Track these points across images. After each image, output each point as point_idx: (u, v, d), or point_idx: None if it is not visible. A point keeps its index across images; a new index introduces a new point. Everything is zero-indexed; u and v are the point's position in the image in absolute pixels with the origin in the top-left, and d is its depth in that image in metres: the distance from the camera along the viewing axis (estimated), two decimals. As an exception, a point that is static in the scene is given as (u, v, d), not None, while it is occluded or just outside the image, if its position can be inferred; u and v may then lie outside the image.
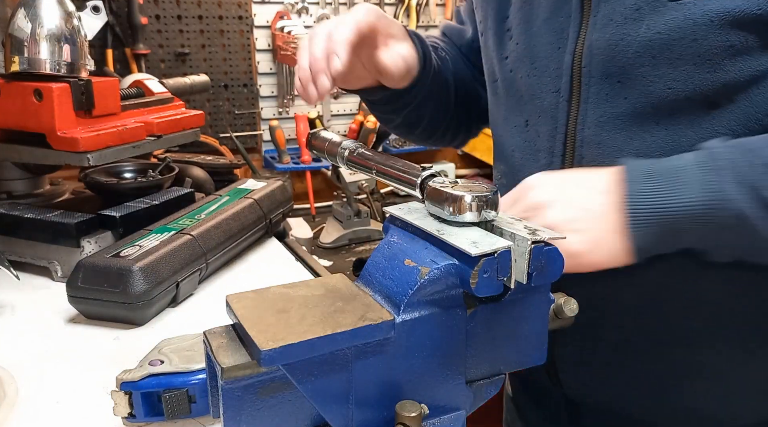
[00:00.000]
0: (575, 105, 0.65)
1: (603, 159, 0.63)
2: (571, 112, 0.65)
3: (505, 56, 0.73)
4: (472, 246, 0.44)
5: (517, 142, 0.72)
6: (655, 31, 0.58)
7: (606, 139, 0.63)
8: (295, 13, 2.19)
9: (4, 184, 1.11)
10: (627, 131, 0.62)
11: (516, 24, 0.71)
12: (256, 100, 2.19)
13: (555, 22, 0.66)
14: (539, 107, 0.69)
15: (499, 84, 0.75)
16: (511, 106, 0.73)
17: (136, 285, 0.79)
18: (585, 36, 0.63)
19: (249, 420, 0.43)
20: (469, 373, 0.49)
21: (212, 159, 1.45)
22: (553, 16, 0.66)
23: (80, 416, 0.64)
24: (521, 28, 0.70)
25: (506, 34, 0.73)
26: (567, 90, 0.65)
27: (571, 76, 0.65)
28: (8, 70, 1.00)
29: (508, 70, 0.73)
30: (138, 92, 1.22)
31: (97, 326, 0.81)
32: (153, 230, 0.93)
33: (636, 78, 0.60)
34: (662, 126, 0.60)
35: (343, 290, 0.47)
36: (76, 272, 0.81)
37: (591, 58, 0.63)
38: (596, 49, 0.62)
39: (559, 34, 0.66)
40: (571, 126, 0.66)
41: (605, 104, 0.63)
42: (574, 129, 0.65)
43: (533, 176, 0.60)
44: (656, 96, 0.60)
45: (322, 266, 1.06)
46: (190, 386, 0.60)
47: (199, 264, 0.91)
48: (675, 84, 0.59)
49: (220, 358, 0.42)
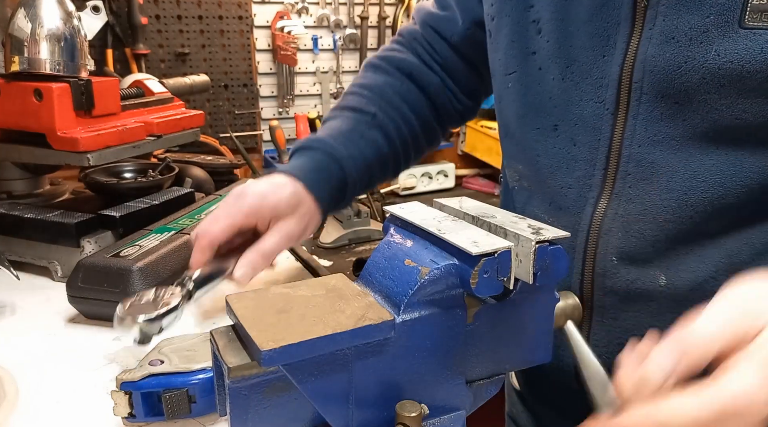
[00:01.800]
0: (621, 119, 0.60)
1: (654, 178, 0.59)
2: (617, 125, 0.61)
3: (531, 51, 0.67)
4: (473, 245, 0.44)
5: (544, 146, 0.67)
6: (725, 59, 0.54)
7: (659, 158, 0.59)
8: (295, 13, 2.19)
9: (4, 184, 1.11)
10: (684, 153, 0.57)
11: (547, 18, 0.65)
12: (256, 100, 2.20)
13: (598, 27, 0.61)
14: (576, 114, 0.64)
15: (516, 78, 0.70)
16: (533, 105, 0.68)
17: (136, 285, 0.79)
18: (638, 49, 0.58)
19: (255, 419, 0.43)
20: (474, 372, 0.50)
21: (212, 159, 1.46)
22: (596, 19, 0.61)
23: (80, 416, 0.64)
24: (554, 25, 0.65)
25: (532, 25, 0.67)
26: (612, 102, 0.61)
27: (618, 89, 0.60)
28: (8, 70, 1.00)
29: (535, 67, 0.67)
30: (138, 92, 1.22)
31: (97, 326, 0.81)
32: (153, 230, 0.93)
33: (699, 103, 0.56)
34: (722, 150, 0.56)
35: (343, 290, 0.47)
36: (76, 272, 0.81)
37: (644, 74, 0.58)
38: (652, 66, 0.57)
39: (603, 40, 0.61)
40: (616, 140, 0.61)
41: (659, 123, 0.58)
42: (620, 144, 0.61)
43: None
44: (721, 124, 0.55)
45: (322, 266, 1.06)
46: (190, 386, 0.60)
47: (198, 264, 0.91)
48: (744, 115, 0.55)
49: (227, 357, 0.42)
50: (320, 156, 0.77)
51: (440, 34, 0.86)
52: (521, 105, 0.70)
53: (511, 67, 0.70)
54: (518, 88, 0.70)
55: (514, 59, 0.70)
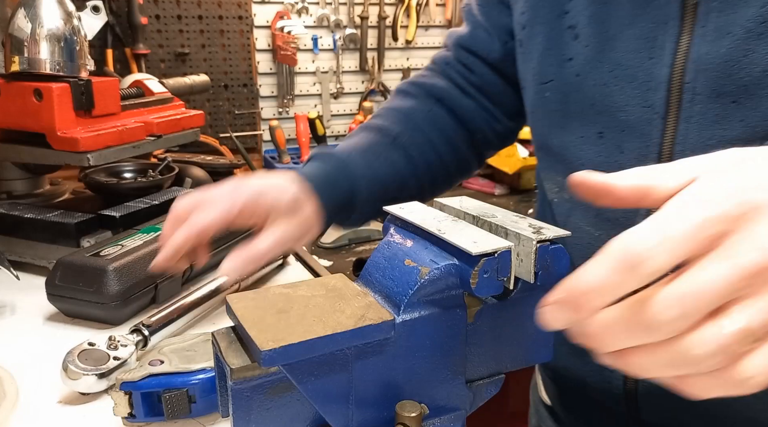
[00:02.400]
0: (672, 123, 0.58)
1: None
2: (667, 130, 0.58)
3: (568, 58, 0.65)
4: (473, 245, 0.44)
5: (588, 154, 0.65)
6: None
7: None
8: (295, 13, 2.19)
9: (4, 184, 1.11)
10: None
11: (585, 23, 0.63)
12: (256, 100, 2.19)
13: (642, 28, 0.58)
14: (621, 121, 0.61)
15: (554, 86, 0.67)
16: (573, 113, 0.66)
17: (110, 285, 0.79)
18: (690, 48, 0.56)
19: (258, 420, 0.43)
20: (474, 372, 0.49)
21: (212, 159, 1.46)
22: (640, 20, 0.59)
23: (80, 416, 0.64)
24: (593, 29, 0.62)
25: (567, 31, 0.65)
26: (662, 106, 0.58)
27: (668, 92, 0.57)
28: (8, 70, 1.00)
29: (572, 74, 0.65)
30: (138, 92, 1.22)
31: (98, 326, 0.81)
32: (140, 230, 0.93)
33: (760, 99, 0.53)
34: None
35: (343, 290, 0.47)
36: (54, 270, 0.81)
37: (697, 74, 0.56)
38: (707, 64, 0.55)
39: (649, 41, 0.58)
40: (666, 146, 0.58)
41: (714, 126, 0.55)
42: (671, 149, 0.58)
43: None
44: None
45: (322, 266, 1.06)
46: (190, 386, 0.60)
47: (182, 265, 0.90)
48: None
49: (229, 358, 0.42)
50: (330, 168, 0.74)
51: (476, 53, 0.83)
52: (562, 114, 0.67)
53: (548, 76, 0.68)
54: (557, 96, 0.67)
55: (550, 67, 0.67)
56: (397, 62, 2.43)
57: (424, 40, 2.45)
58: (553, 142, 0.69)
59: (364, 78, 2.38)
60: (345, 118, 2.38)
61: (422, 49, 2.46)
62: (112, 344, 0.66)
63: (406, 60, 2.45)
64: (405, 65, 2.45)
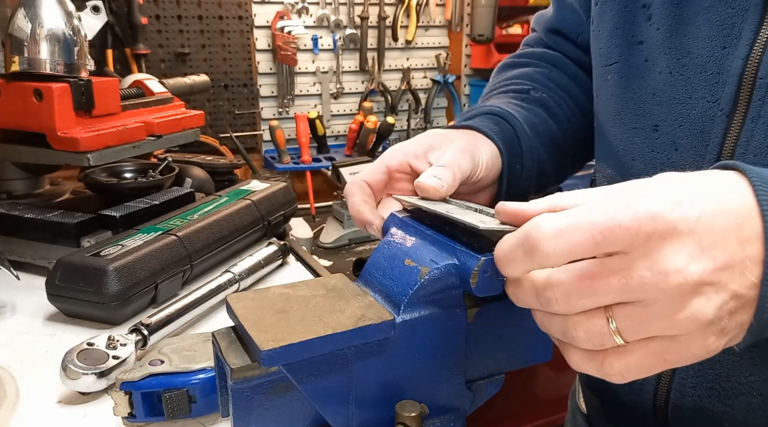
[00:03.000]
0: (738, 121, 0.53)
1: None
2: (731, 129, 0.53)
3: (638, 41, 0.60)
4: (480, 223, 0.43)
5: (640, 148, 0.60)
6: None
7: None
8: (295, 13, 2.19)
9: (4, 184, 1.11)
10: None
11: (660, 3, 0.58)
12: (256, 100, 2.20)
13: (720, 13, 0.53)
14: (682, 115, 0.56)
15: (617, 69, 0.63)
16: (632, 101, 0.61)
17: (110, 285, 0.78)
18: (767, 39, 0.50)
19: (258, 420, 0.43)
20: (474, 372, 0.50)
21: (212, 159, 1.45)
22: (719, 4, 0.53)
23: (80, 415, 0.64)
24: (667, 11, 0.57)
25: (641, 11, 0.60)
26: (729, 102, 0.53)
27: (738, 87, 0.52)
28: (8, 70, 1.00)
29: (641, 59, 0.60)
30: (138, 92, 1.22)
31: (98, 326, 0.81)
32: (141, 230, 0.93)
33: None
34: None
35: (343, 290, 0.47)
36: (54, 270, 0.81)
37: None
38: None
39: (725, 29, 0.53)
40: (727, 146, 0.53)
41: None
42: (732, 151, 0.53)
43: None
44: None
45: (322, 266, 1.06)
46: (190, 386, 0.60)
47: (182, 265, 0.89)
48: None
49: (230, 358, 0.42)
50: (485, 117, 0.68)
51: (565, 35, 0.79)
52: (619, 100, 0.63)
53: (613, 58, 0.63)
54: (618, 81, 0.63)
55: (617, 49, 0.62)
56: (397, 62, 2.43)
57: (424, 40, 2.45)
58: (609, 131, 0.65)
59: (364, 78, 2.38)
60: (345, 118, 2.38)
61: (422, 49, 2.46)
62: (111, 344, 0.66)
63: (406, 60, 2.45)
64: (405, 65, 2.45)
